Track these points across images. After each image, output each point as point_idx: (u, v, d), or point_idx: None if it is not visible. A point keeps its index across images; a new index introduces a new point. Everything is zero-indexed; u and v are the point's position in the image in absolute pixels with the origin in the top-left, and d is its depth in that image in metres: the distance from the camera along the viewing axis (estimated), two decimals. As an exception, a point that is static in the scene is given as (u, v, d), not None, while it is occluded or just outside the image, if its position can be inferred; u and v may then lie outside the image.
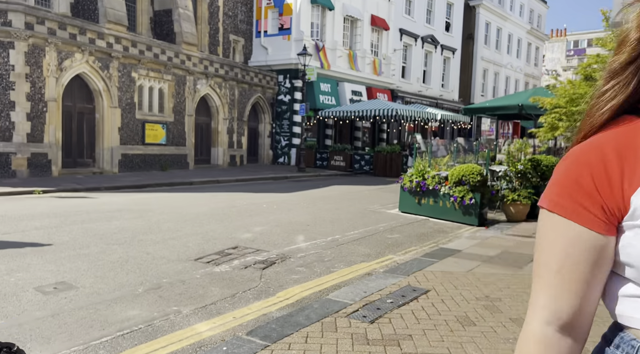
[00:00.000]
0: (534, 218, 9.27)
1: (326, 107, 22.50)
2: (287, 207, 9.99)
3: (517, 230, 8.17)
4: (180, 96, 17.57)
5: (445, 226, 8.79)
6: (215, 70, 18.93)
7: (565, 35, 49.23)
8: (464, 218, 9.10)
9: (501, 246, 6.87)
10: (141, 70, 15.95)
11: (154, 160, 16.58)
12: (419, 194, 9.68)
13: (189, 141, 17.98)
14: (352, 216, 9.23)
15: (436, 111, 21.83)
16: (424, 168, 9.91)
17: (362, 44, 25.35)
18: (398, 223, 8.83)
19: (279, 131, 22.71)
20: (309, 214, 9.27)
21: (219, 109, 19.44)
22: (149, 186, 12.97)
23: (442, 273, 5.37)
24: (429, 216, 9.54)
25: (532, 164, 9.14)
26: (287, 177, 17.37)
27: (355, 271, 5.54)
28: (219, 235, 7.01)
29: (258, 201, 10.60)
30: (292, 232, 7.50)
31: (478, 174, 8.91)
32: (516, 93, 12.31)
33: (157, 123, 16.73)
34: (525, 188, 9.17)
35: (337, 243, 6.94)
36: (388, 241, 7.26)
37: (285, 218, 8.65)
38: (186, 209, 9.19)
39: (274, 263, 5.72)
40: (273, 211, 9.35)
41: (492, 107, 11.47)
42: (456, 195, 9.00)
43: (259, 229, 7.59)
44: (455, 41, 33.69)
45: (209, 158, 19.61)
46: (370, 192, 13.62)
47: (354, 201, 11.43)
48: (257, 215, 8.85)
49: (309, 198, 11.76)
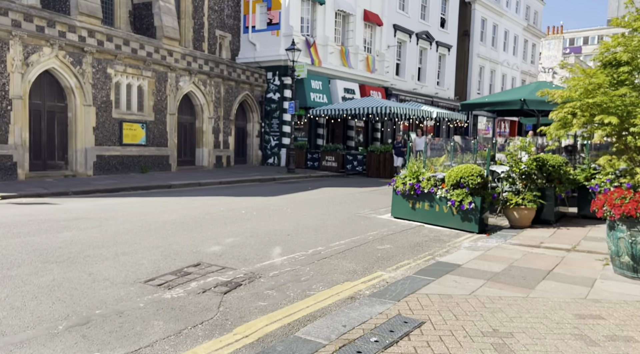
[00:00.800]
0: (540, 224, 8.41)
1: (317, 105, 21.60)
2: (268, 213, 9.08)
3: (522, 238, 7.28)
4: (162, 94, 16.61)
5: (442, 233, 7.91)
6: (200, 66, 17.98)
7: (562, 32, 48.58)
8: (462, 224, 8.22)
9: (506, 259, 5.98)
10: (118, 66, 14.98)
11: (132, 161, 15.62)
12: (413, 198, 8.80)
13: (171, 141, 17.02)
14: (339, 224, 8.33)
15: (432, 109, 20.97)
16: (418, 169, 9.02)
17: (355, 40, 24.47)
18: (390, 230, 7.93)
19: (268, 130, 21.78)
20: (291, 221, 8.36)
21: (203, 108, 18.48)
22: (122, 190, 12.02)
23: (439, 296, 4.47)
24: (424, 223, 8.65)
25: (538, 164, 8.27)
26: (274, 179, 16.45)
27: (336, 294, 4.64)
28: (182, 249, 6.08)
29: (237, 207, 9.68)
30: (269, 244, 6.58)
31: (478, 176, 8.03)
32: (518, 87, 11.44)
33: (136, 122, 15.77)
34: (530, 190, 8.29)
35: (319, 256, 6.04)
36: (377, 253, 6.36)
37: (264, 227, 7.73)
38: (154, 216, 8.26)
39: (240, 285, 4.81)
40: (251, 218, 8.43)
41: (492, 102, 10.61)
42: (454, 199, 8.12)
43: (231, 241, 6.67)
44: (451, 38, 32.88)
45: (193, 159, 18.66)
46: (362, 195, 12.73)
47: (343, 206, 10.53)
48: (233, 223, 7.92)
49: (294, 202, 10.85)
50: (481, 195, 8.10)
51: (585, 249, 6.55)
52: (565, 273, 5.35)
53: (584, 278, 5.20)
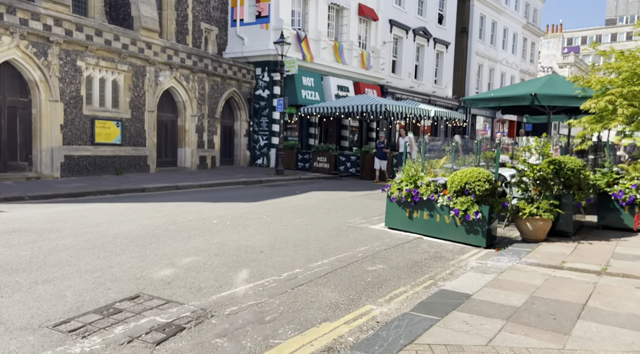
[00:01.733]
0: (556, 236, 7.28)
1: (309, 103, 20.43)
2: (244, 223, 7.90)
3: (540, 256, 6.14)
4: (139, 89, 15.40)
5: (444, 248, 6.76)
6: (181, 60, 16.77)
7: (561, 31, 47.63)
8: (467, 237, 7.08)
9: (526, 286, 4.84)
10: (89, 59, 13.75)
11: (106, 162, 14.39)
12: (411, 206, 7.65)
13: (150, 140, 15.81)
14: (324, 236, 7.16)
15: (429, 107, 19.84)
16: (416, 173, 7.87)
17: (349, 35, 23.31)
18: (383, 245, 6.78)
19: (257, 129, 20.59)
20: (269, 233, 7.18)
21: (186, 105, 17.27)
22: (88, 195, 10.82)
23: (446, 348, 3.31)
24: (422, 234, 7.51)
25: (554, 168, 7.13)
26: (261, 181, 15.27)
27: (308, 344, 3.48)
28: (123, 274, 4.90)
29: (210, 215, 8.49)
30: (235, 265, 5.41)
31: (486, 181, 6.89)
32: (526, 81, 10.31)
33: (110, 120, 14.55)
34: (545, 198, 7.16)
35: (295, 282, 4.88)
36: (367, 276, 5.20)
37: (234, 241, 6.56)
38: (107, 228, 7.06)
39: (182, 329, 3.63)
40: (222, 230, 7.25)
41: (498, 97, 9.47)
42: (458, 208, 6.98)
43: (189, 261, 5.49)
44: (449, 34, 31.77)
45: (175, 160, 17.45)
46: (354, 200, 11.57)
47: (331, 213, 9.36)
48: (199, 236, 6.74)
49: (277, 209, 9.68)
50: (489, 204, 6.96)
51: (618, 272, 5.42)
52: (604, 309, 4.21)
53: (631, 316, 4.06)
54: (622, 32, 76.30)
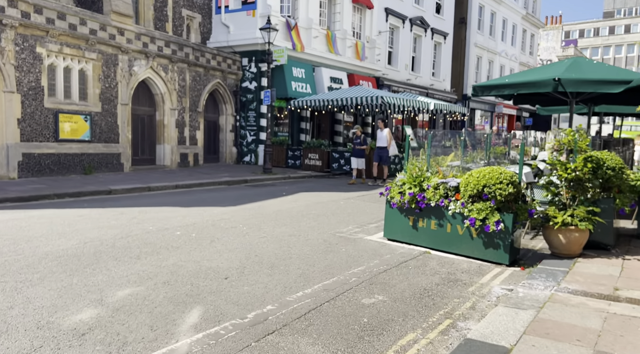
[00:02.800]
0: (592, 249, 5.97)
1: (300, 95, 19.03)
2: (214, 235, 6.53)
3: (582, 279, 4.83)
4: (111, 80, 13.94)
5: (458, 267, 5.44)
6: (159, 48, 15.32)
7: (560, 22, 46.39)
8: (485, 252, 5.76)
9: (582, 332, 3.51)
10: (51, 45, 12.29)
11: (73, 161, 12.96)
12: (415, 213, 6.31)
13: (124, 137, 14.37)
14: (310, 253, 5.81)
15: (429, 100, 18.50)
16: (421, 173, 6.52)
17: (342, 24, 21.89)
18: (382, 263, 5.44)
19: (244, 124, 19.18)
20: (241, 249, 5.82)
21: (164, 97, 15.83)
22: (44, 198, 9.41)
23: None
24: (429, 248, 6.19)
25: (592, 167, 5.80)
26: (246, 181, 13.89)
27: None
28: (22, 319, 3.52)
29: (175, 224, 7.12)
30: (186, 300, 4.05)
31: (509, 183, 5.56)
32: (545, 65, 8.97)
33: (78, 113, 13.10)
34: (580, 203, 5.84)
35: (263, 329, 3.53)
36: (363, 315, 3.86)
37: (195, 262, 5.19)
38: (39, 244, 5.67)
39: None
40: (183, 245, 5.88)
41: (514, 83, 8.15)
42: (474, 217, 5.65)
43: (125, 295, 4.12)
44: (447, 25, 30.40)
45: (153, 157, 16.02)
46: (347, 203, 10.22)
47: (320, 220, 8.01)
48: (151, 255, 5.37)
49: (258, 214, 8.32)
50: (513, 211, 5.64)
51: (695, 305, 4.10)
52: None
53: None
54: (620, 24, 75.23)
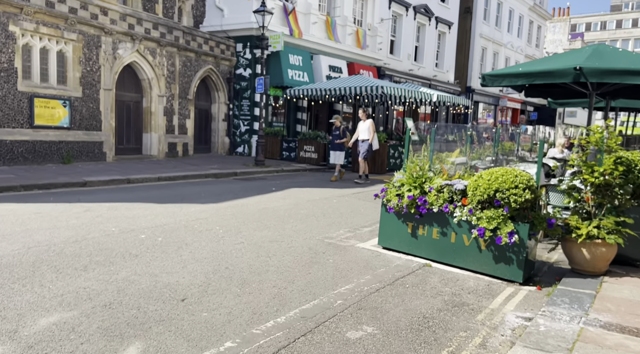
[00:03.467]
0: (618, 265, 5.16)
1: (297, 84, 18.11)
2: (183, 239, 5.71)
3: (614, 307, 4.01)
4: (93, 63, 13.04)
5: (464, 285, 4.62)
6: (146, 31, 14.39)
7: (568, 14, 45.19)
8: (496, 267, 4.94)
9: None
10: (26, 24, 11.38)
11: (50, 149, 12.11)
12: (415, 219, 5.49)
13: (107, 124, 13.50)
14: (291, 264, 4.99)
15: (431, 91, 17.58)
16: (422, 172, 5.68)
17: (343, 10, 20.91)
18: (374, 280, 4.62)
19: (237, 113, 18.29)
20: (211, 259, 5.00)
21: (152, 83, 14.93)
22: (9, 190, 8.58)
23: None
24: (430, 259, 5.38)
25: (624, 170, 4.96)
26: (235, 174, 13.05)
27: None
28: None
29: (142, 225, 6.29)
30: (124, 332, 3.23)
31: (526, 188, 4.73)
32: (563, 53, 8.07)
33: (55, 98, 12.22)
34: (608, 212, 5.01)
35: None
36: (346, 358, 3.05)
37: (151, 275, 4.37)
38: (-25, 249, 4.85)
39: None
40: (144, 252, 5.05)
41: (528, 72, 7.28)
42: (483, 226, 4.82)
43: (50, 322, 3.30)
44: (452, 14, 29.36)
45: (139, 146, 15.16)
46: (341, 201, 9.39)
47: (309, 221, 7.18)
48: (102, 265, 4.55)
49: (240, 214, 7.49)
50: (529, 221, 4.81)
51: None
52: None
53: None
54: (627, 18, 73.83)
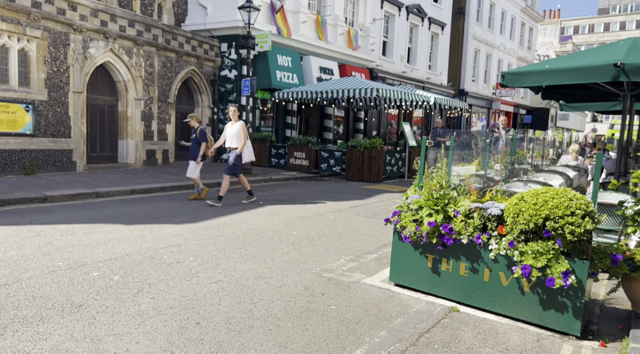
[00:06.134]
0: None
1: (286, 86, 17.02)
2: (147, 277, 4.54)
3: None
4: (60, 63, 11.80)
5: (507, 343, 3.51)
6: (121, 28, 13.17)
7: (559, 17, 44.80)
8: (544, 315, 3.86)
9: None
10: (-19, 18, 10.15)
11: (10, 158, 10.84)
12: (437, 251, 4.39)
13: (77, 130, 12.24)
14: (282, 314, 3.85)
15: (429, 94, 16.61)
16: (444, 192, 4.59)
17: (334, 9, 19.89)
18: (393, 340, 3.49)
19: (222, 118, 17.12)
20: (178, 309, 3.84)
21: (128, 85, 13.70)
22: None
23: None
24: (456, 301, 4.28)
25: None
26: (219, 184, 11.87)
27: None
28: None
29: (99, 257, 5.10)
30: None
31: (585, 214, 3.67)
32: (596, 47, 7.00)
33: (16, 102, 10.96)
34: (681, 243, 3.97)
35: None
36: None
37: (90, 343, 3.20)
38: None
39: None
40: (91, 302, 3.88)
41: (557, 69, 6.27)
42: (530, 264, 3.74)
43: None
44: (445, 15, 28.53)
45: (114, 154, 13.90)
46: (338, 218, 8.27)
47: (302, 247, 6.05)
48: (23, 328, 3.37)
49: (219, 237, 6.34)
50: (588, 257, 3.75)
51: None
52: None
53: None
54: (615, 21, 74.08)
